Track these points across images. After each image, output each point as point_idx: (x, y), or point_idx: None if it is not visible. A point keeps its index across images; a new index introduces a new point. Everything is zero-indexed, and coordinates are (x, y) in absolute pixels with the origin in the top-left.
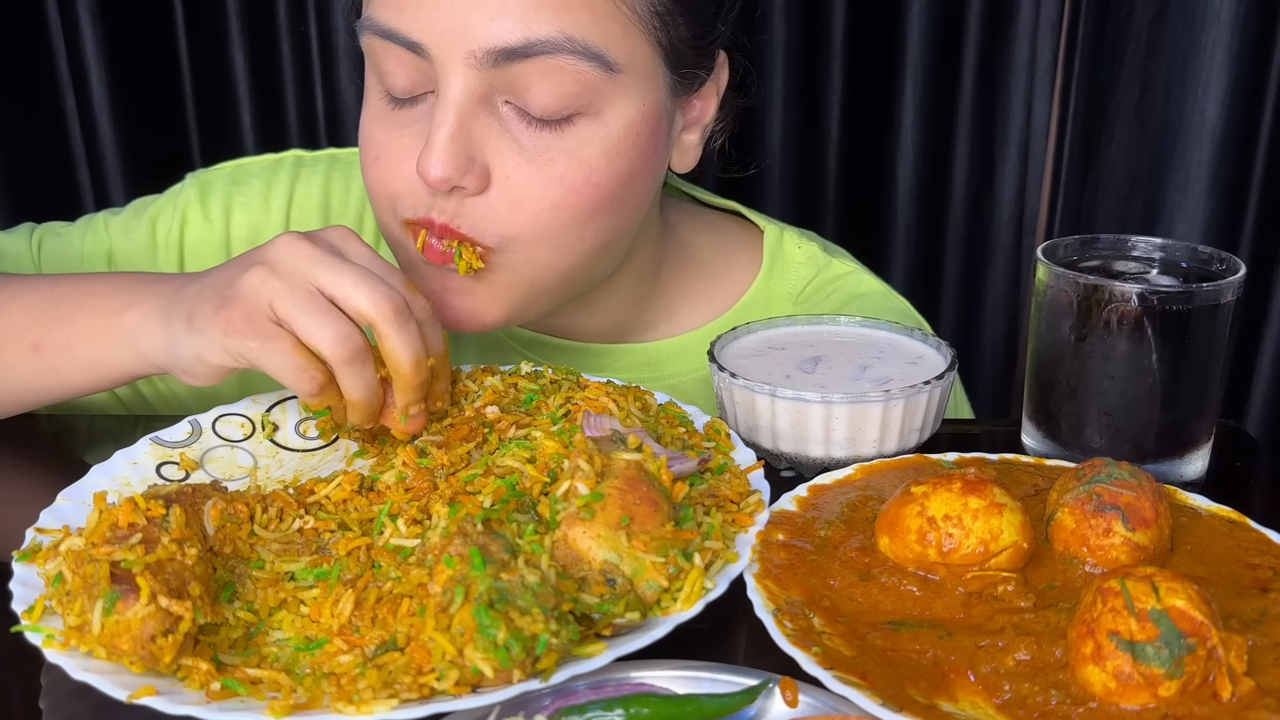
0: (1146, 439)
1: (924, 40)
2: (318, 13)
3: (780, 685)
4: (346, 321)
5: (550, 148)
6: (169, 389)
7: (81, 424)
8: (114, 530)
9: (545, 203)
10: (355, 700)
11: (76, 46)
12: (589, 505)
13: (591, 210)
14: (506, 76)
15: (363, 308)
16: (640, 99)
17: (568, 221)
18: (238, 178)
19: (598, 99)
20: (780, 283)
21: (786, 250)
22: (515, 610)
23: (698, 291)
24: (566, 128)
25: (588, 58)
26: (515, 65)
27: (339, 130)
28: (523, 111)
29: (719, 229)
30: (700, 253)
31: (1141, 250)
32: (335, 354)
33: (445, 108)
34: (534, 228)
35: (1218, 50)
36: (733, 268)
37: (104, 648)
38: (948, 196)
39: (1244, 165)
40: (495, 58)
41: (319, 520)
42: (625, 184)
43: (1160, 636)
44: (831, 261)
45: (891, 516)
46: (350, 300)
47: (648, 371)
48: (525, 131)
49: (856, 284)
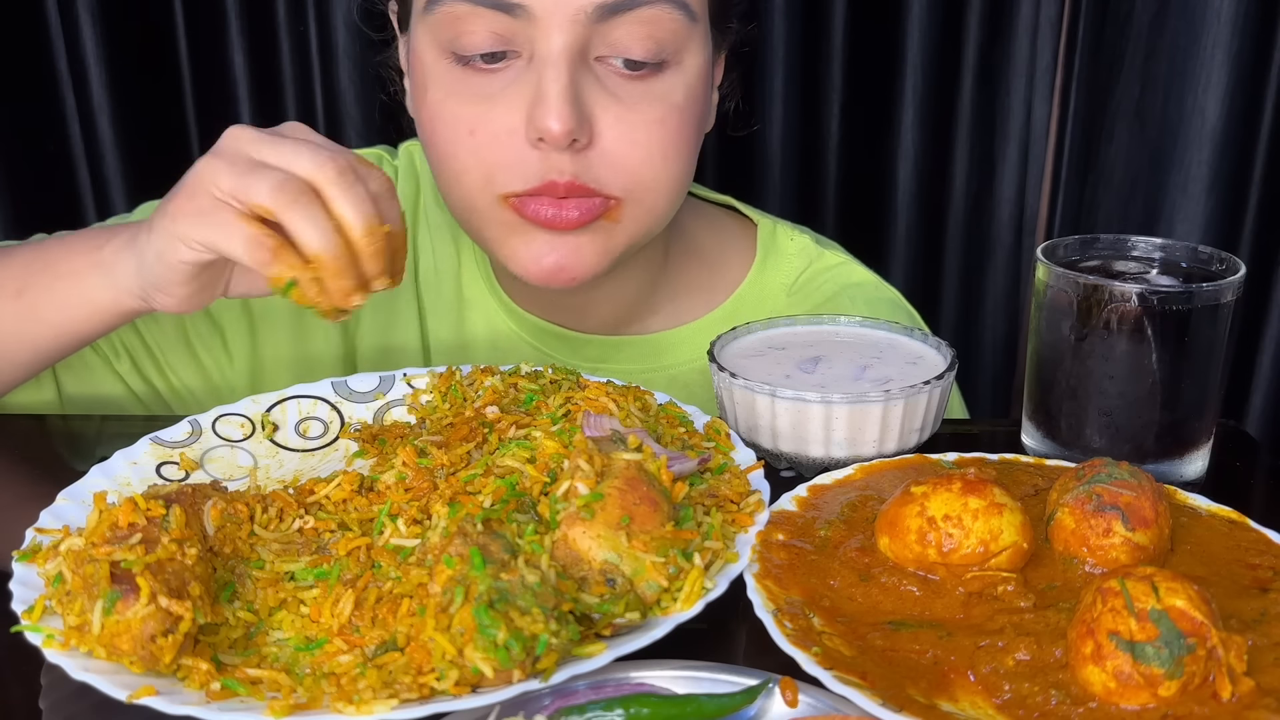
0: (1146, 439)
1: (924, 40)
2: (318, 13)
3: (780, 685)
4: (281, 171)
5: (645, 95)
6: (183, 384)
7: (82, 424)
8: (114, 530)
9: (654, 147)
10: (355, 700)
11: (76, 46)
12: (589, 505)
13: (683, 151)
14: (604, 30)
15: (305, 170)
16: (704, 49)
17: (672, 165)
18: None
19: (680, 49)
20: (774, 274)
21: (780, 243)
22: (515, 610)
23: (699, 281)
24: (655, 76)
25: (677, 6)
26: (615, 19)
27: (339, 130)
28: (615, 63)
29: (716, 221)
30: (700, 243)
31: (1141, 250)
32: (275, 201)
33: (555, 64)
34: (651, 172)
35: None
36: (729, 259)
37: (104, 648)
38: (948, 196)
39: (1244, 165)
40: (600, 13)
41: (319, 520)
42: (698, 131)
43: (1160, 636)
44: (824, 253)
45: (891, 516)
46: (292, 166)
47: (649, 362)
48: (620, 83)
49: (848, 275)
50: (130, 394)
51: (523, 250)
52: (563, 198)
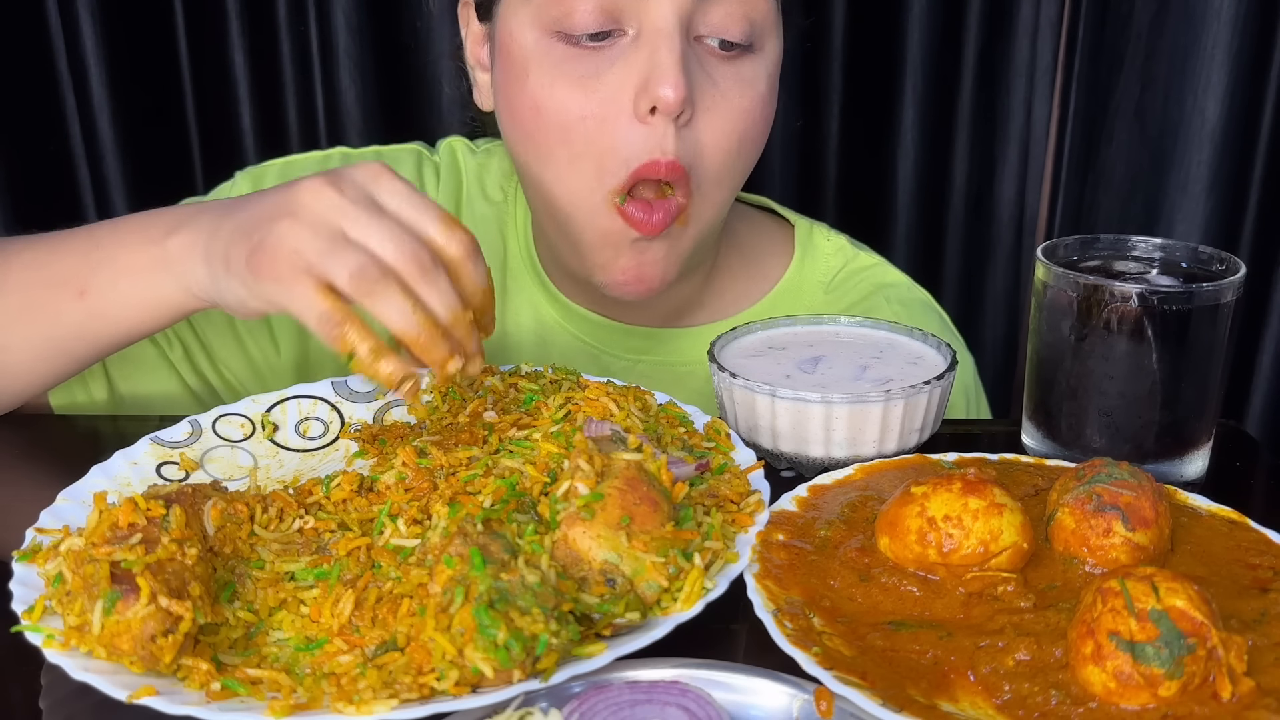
0: (1146, 439)
1: (924, 40)
2: (318, 13)
3: (815, 695)
4: (362, 253)
5: (734, 80)
6: (233, 376)
7: (82, 424)
8: (114, 530)
9: (734, 135)
10: (355, 700)
11: (76, 46)
12: (589, 505)
13: (756, 145)
14: (705, 8)
15: (388, 257)
16: (781, 38)
17: (745, 159)
18: (288, 173)
19: (766, 33)
20: (811, 272)
21: (816, 242)
22: (515, 610)
23: (742, 277)
24: (742, 61)
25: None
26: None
27: (339, 130)
28: (711, 43)
29: (755, 220)
30: (742, 240)
31: (1141, 250)
32: (355, 288)
33: (669, 35)
34: (722, 161)
35: (1218, 50)
36: (768, 256)
37: (104, 648)
38: (948, 196)
39: (1244, 165)
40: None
41: (319, 520)
42: (768, 127)
43: (1160, 636)
44: (859, 254)
45: (891, 517)
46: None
47: (690, 354)
48: (714, 64)
49: (883, 275)
50: (183, 386)
51: (613, 262)
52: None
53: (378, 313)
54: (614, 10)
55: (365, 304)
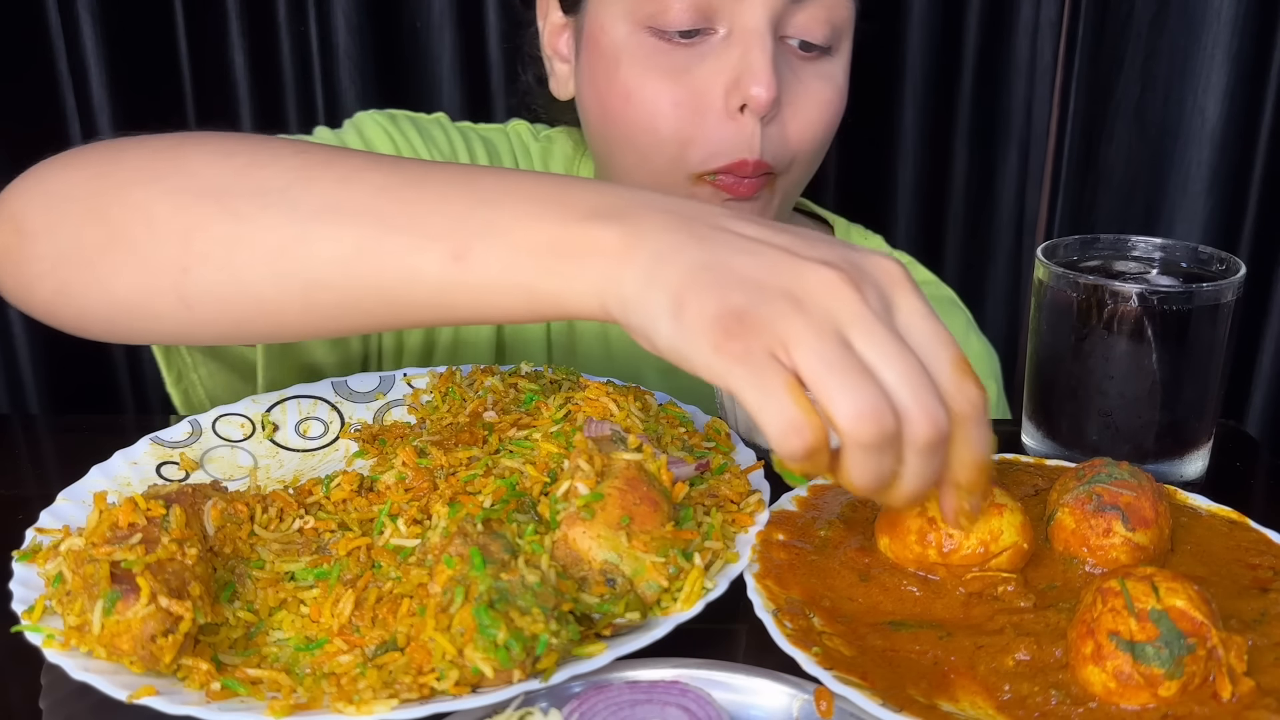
0: (1146, 439)
1: (924, 40)
2: (318, 13)
3: (815, 695)
4: (880, 394)
5: (815, 75)
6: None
7: (81, 424)
8: (114, 530)
9: (817, 126)
10: (355, 700)
11: (76, 46)
12: (589, 505)
13: (830, 138)
14: (793, 10)
15: (898, 407)
16: (852, 39)
17: (821, 148)
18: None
19: (843, 35)
20: None
21: (854, 240)
22: (515, 610)
23: None
24: (821, 60)
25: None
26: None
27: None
28: (793, 44)
29: (796, 218)
30: None
31: (1141, 250)
32: (855, 430)
33: (762, 35)
34: (809, 149)
35: (1218, 50)
36: None
37: (104, 648)
38: (948, 196)
39: (1244, 165)
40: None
41: (319, 520)
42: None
43: (1160, 636)
44: (893, 252)
45: (891, 517)
46: (888, 393)
47: None
48: (797, 63)
49: (915, 274)
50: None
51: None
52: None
53: (855, 463)
54: (707, 9)
55: (851, 449)
